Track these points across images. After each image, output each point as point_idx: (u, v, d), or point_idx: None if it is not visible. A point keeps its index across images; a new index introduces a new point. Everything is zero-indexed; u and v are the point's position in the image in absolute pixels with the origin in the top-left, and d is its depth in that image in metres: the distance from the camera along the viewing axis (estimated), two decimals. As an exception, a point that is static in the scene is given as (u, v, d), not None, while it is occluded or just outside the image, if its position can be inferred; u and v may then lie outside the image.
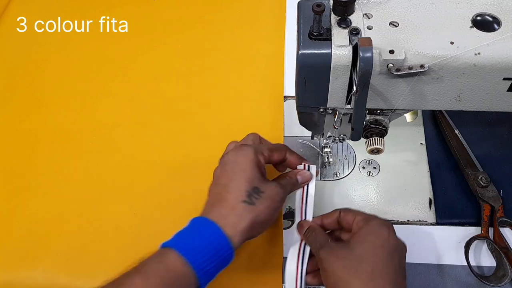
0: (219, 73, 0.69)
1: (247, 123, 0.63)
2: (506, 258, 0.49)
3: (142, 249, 0.55)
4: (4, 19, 0.77)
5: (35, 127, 0.65)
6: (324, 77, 0.41)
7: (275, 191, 0.46)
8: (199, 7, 0.77)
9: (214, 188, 0.47)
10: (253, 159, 0.47)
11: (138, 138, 0.64)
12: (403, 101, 0.43)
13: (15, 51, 0.74)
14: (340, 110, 0.45)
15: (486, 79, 0.40)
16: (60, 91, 0.69)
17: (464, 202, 0.55)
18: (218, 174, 0.48)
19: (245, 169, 0.46)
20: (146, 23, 0.75)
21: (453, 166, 0.57)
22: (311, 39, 0.41)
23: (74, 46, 0.73)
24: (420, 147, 0.59)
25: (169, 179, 0.59)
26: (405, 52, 0.39)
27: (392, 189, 0.56)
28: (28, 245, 0.55)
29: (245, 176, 0.45)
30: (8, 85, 0.70)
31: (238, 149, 0.48)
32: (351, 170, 0.58)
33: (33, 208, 0.58)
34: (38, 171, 0.61)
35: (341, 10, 0.40)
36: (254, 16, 0.75)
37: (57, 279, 0.53)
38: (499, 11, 0.41)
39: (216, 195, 0.46)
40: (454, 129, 0.58)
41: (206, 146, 0.62)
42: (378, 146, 0.47)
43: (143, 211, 0.57)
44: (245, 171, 0.46)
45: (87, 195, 0.59)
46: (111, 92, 0.68)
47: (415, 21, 0.41)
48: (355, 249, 0.43)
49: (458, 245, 0.52)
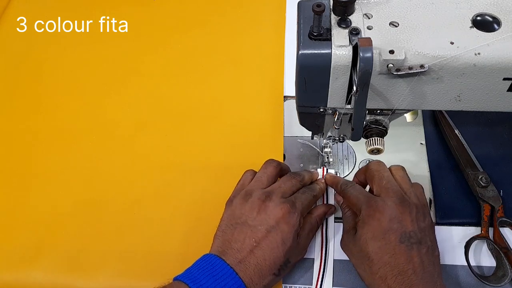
0: (219, 73, 0.69)
1: (247, 123, 0.63)
2: (506, 258, 0.49)
3: (142, 249, 0.55)
4: (4, 19, 0.77)
5: (35, 127, 0.65)
6: (324, 77, 0.41)
7: (298, 257, 0.49)
8: (199, 7, 0.77)
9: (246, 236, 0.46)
10: (296, 229, 0.47)
11: (138, 138, 0.64)
12: (403, 101, 0.43)
13: (15, 51, 0.74)
14: (340, 110, 0.45)
15: (486, 79, 0.40)
16: (60, 91, 0.69)
17: (464, 202, 0.55)
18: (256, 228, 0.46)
19: (286, 241, 0.46)
20: (146, 23, 0.75)
21: (453, 166, 0.57)
22: (311, 39, 0.41)
23: (74, 46, 0.74)
24: (420, 147, 0.59)
25: (169, 179, 0.59)
26: (405, 52, 0.39)
27: (392, 189, 0.56)
28: (28, 245, 0.55)
29: (285, 250, 0.46)
30: (8, 85, 0.71)
31: (284, 210, 0.46)
32: (351, 170, 0.58)
33: (33, 208, 0.58)
34: (38, 171, 0.62)
35: (341, 10, 0.40)
36: (254, 16, 0.75)
37: (57, 279, 0.53)
38: (499, 11, 0.41)
39: (250, 252, 0.45)
40: (454, 129, 0.58)
41: (206, 146, 0.62)
42: (378, 146, 0.48)
43: (143, 211, 0.57)
44: (286, 243, 0.46)
45: (88, 195, 0.59)
46: (111, 92, 0.68)
47: (415, 21, 0.41)
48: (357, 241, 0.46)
49: (458, 245, 0.52)
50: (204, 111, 0.65)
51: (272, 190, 0.49)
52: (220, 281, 0.43)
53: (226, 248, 0.46)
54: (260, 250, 0.45)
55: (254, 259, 0.45)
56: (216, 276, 0.43)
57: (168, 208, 0.57)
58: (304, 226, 0.49)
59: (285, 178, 0.52)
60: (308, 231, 0.50)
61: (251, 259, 0.45)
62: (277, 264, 0.45)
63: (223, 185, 0.54)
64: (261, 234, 0.45)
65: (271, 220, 0.46)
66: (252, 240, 0.45)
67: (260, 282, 0.44)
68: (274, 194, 0.48)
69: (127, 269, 0.53)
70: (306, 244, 0.50)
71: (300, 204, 0.48)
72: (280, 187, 0.50)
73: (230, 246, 0.46)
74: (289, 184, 0.51)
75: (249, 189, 0.50)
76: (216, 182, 0.57)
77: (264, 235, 0.45)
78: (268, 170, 0.52)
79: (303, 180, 0.52)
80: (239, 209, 0.48)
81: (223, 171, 0.58)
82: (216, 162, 0.60)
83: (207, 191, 0.57)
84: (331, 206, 0.54)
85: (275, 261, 0.45)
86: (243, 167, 0.56)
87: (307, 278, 0.51)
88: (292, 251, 0.47)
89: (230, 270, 0.43)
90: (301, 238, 0.49)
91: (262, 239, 0.45)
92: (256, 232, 0.46)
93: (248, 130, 0.62)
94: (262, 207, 0.47)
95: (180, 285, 0.43)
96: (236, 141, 0.61)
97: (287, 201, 0.48)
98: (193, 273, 0.44)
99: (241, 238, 0.46)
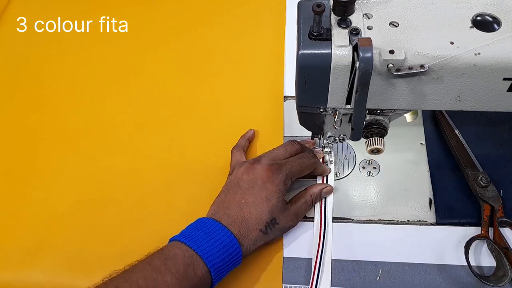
0: (219, 73, 0.69)
1: (247, 123, 0.63)
2: (506, 258, 0.49)
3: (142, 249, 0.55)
4: (4, 19, 0.77)
5: (36, 127, 0.66)
6: (324, 77, 0.41)
7: (289, 223, 0.52)
8: (199, 7, 0.77)
9: (236, 195, 0.50)
10: (281, 189, 0.50)
11: (138, 138, 0.64)
12: (403, 101, 0.43)
13: (15, 51, 0.74)
14: (340, 110, 0.45)
15: (486, 79, 0.40)
16: (60, 91, 0.69)
17: (464, 202, 0.55)
18: (245, 187, 0.50)
19: (271, 198, 0.49)
20: (146, 23, 0.75)
21: (453, 166, 0.57)
22: (311, 39, 0.41)
23: (74, 46, 0.74)
24: (420, 147, 0.59)
25: (169, 179, 0.59)
26: (405, 52, 0.39)
27: (392, 189, 0.56)
28: (28, 245, 0.55)
29: (269, 207, 0.49)
30: (8, 85, 0.71)
31: (271, 170, 0.50)
32: (351, 170, 0.58)
33: (33, 208, 0.58)
34: (38, 171, 0.62)
35: (341, 10, 0.40)
36: (254, 16, 0.75)
37: (57, 279, 0.53)
38: (499, 11, 0.41)
39: (238, 207, 0.49)
40: (454, 129, 0.58)
41: (207, 146, 0.62)
42: (378, 146, 0.48)
43: (143, 211, 0.57)
44: (270, 200, 0.49)
45: (88, 195, 0.59)
46: (111, 92, 0.68)
47: (415, 21, 0.41)
48: None
49: (458, 245, 0.52)
50: (204, 111, 0.65)
51: (264, 154, 0.54)
52: (211, 234, 0.47)
53: (219, 208, 0.50)
54: (247, 206, 0.49)
55: (241, 214, 0.49)
56: (206, 231, 0.47)
57: (168, 208, 0.57)
58: (297, 199, 0.53)
59: (282, 144, 0.55)
60: (301, 203, 0.53)
61: (238, 214, 0.49)
62: (263, 220, 0.49)
63: (223, 185, 0.54)
64: (248, 191, 0.50)
65: (257, 180, 0.50)
66: (241, 197, 0.50)
67: (247, 234, 0.48)
68: (264, 157, 0.53)
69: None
70: (298, 212, 0.52)
71: (289, 168, 0.51)
72: (272, 152, 0.54)
73: (222, 205, 0.50)
74: (282, 150, 0.54)
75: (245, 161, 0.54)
76: (216, 182, 0.57)
77: (251, 193, 0.50)
78: (288, 148, 0.54)
79: (301, 148, 0.55)
80: (234, 175, 0.52)
81: (224, 171, 0.58)
82: (216, 162, 0.60)
83: (207, 191, 0.57)
84: (327, 185, 0.55)
85: (261, 216, 0.49)
86: (243, 167, 0.55)
87: (307, 278, 0.51)
88: (278, 210, 0.50)
89: (219, 225, 0.48)
90: (292, 205, 0.52)
91: (249, 196, 0.50)
92: (245, 191, 0.50)
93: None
94: (251, 169, 0.51)
95: (174, 243, 0.47)
96: (236, 141, 0.61)
97: (274, 163, 0.51)
98: (185, 232, 0.48)
99: (232, 197, 0.50)
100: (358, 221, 0.55)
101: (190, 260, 0.45)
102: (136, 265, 0.45)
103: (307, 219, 0.55)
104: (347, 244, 0.53)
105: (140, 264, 0.45)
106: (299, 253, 0.53)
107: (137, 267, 0.45)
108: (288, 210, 0.51)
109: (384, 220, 0.54)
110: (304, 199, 0.53)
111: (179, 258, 0.45)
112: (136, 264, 0.45)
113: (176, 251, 0.45)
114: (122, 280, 0.43)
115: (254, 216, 0.49)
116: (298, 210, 0.52)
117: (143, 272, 0.44)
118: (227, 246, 0.46)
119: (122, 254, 0.54)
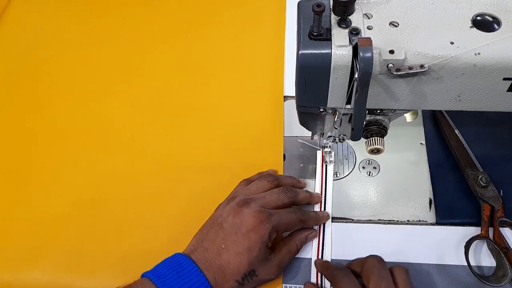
0: (219, 73, 0.69)
1: (247, 123, 0.63)
2: (506, 258, 0.49)
3: (142, 249, 0.55)
4: (4, 19, 0.77)
5: (35, 127, 0.66)
6: (324, 77, 0.41)
7: (269, 276, 0.48)
8: (199, 7, 0.77)
9: (217, 238, 0.47)
10: (265, 240, 0.47)
11: (138, 138, 0.64)
12: (403, 101, 0.43)
13: (15, 51, 0.74)
14: (340, 110, 0.45)
15: (486, 79, 0.40)
16: (60, 91, 0.69)
17: (464, 202, 0.55)
18: (228, 230, 0.47)
19: (252, 249, 0.46)
20: (146, 23, 0.75)
21: (453, 166, 0.57)
22: (311, 39, 0.40)
23: (74, 46, 0.74)
24: (420, 147, 0.59)
25: (169, 179, 0.59)
26: (405, 52, 0.39)
27: (392, 189, 0.56)
28: (28, 245, 0.55)
29: (250, 258, 0.46)
30: (8, 85, 0.71)
31: (258, 218, 0.47)
32: (351, 170, 0.58)
33: (33, 208, 0.58)
34: (38, 171, 0.62)
35: (341, 10, 0.40)
36: (254, 16, 0.75)
37: (57, 279, 0.53)
38: (499, 11, 0.41)
39: (217, 252, 0.46)
40: (454, 129, 0.58)
41: (207, 146, 0.62)
42: (378, 146, 0.47)
43: (143, 211, 0.57)
44: (251, 251, 0.46)
45: (88, 195, 0.59)
46: (111, 92, 0.68)
47: (415, 21, 0.41)
48: None
49: (458, 245, 0.52)
50: (204, 111, 0.65)
51: (254, 198, 0.49)
52: (184, 277, 0.44)
53: (198, 246, 0.47)
54: (226, 253, 0.46)
55: (219, 260, 0.46)
56: (181, 272, 0.44)
57: (168, 208, 0.57)
58: (281, 247, 0.50)
59: (275, 190, 0.51)
60: (285, 253, 0.50)
61: (216, 260, 0.46)
62: (240, 271, 0.46)
63: (223, 185, 0.54)
64: (230, 237, 0.46)
65: (242, 227, 0.46)
66: (222, 241, 0.46)
67: (222, 283, 0.45)
68: (253, 202, 0.48)
69: (127, 269, 0.53)
70: (280, 264, 0.49)
71: (277, 219, 0.48)
72: (264, 198, 0.50)
73: (201, 244, 0.47)
74: (275, 197, 0.50)
75: (235, 194, 0.51)
76: (216, 182, 0.57)
77: (233, 239, 0.46)
78: (261, 183, 0.52)
79: (294, 197, 0.52)
80: (220, 211, 0.49)
81: (224, 171, 0.58)
82: (216, 162, 0.60)
83: (208, 191, 0.57)
84: (313, 230, 0.52)
85: (239, 267, 0.46)
86: (243, 167, 0.56)
87: (307, 278, 0.51)
88: (258, 262, 0.46)
89: (195, 267, 0.45)
90: (275, 257, 0.48)
91: (230, 242, 0.46)
92: (227, 235, 0.47)
93: (248, 130, 0.62)
94: (238, 212, 0.47)
95: (145, 282, 0.44)
96: (236, 141, 0.61)
97: (263, 212, 0.47)
98: (159, 269, 0.45)
99: (213, 238, 0.47)
100: (358, 221, 0.55)
101: None
102: None
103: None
104: (347, 244, 0.53)
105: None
106: (299, 253, 0.52)
107: None
108: (270, 263, 0.48)
109: (384, 220, 0.54)
110: (289, 249, 0.50)
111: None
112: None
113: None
114: None
115: (232, 266, 0.45)
116: (281, 262, 0.49)
117: None
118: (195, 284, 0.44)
119: (122, 254, 0.54)
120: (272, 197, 0.50)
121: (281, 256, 0.49)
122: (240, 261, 0.46)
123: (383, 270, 0.45)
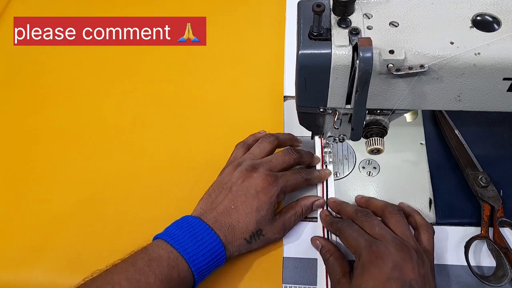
0: (219, 73, 0.69)
1: (247, 123, 0.63)
2: (506, 258, 0.49)
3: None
4: (4, 19, 0.77)
5: (35, 128, 0.66)
6: (324, 77, 0.41)
7: (275, 235, 0.51)
8: (199, 7, 0.77)
9: (226, 199, 0.50)
10: (273, 201, 0.50)
11: (139, 137, 0.64)
12: (403, 101, 0.43)
13: (15, 51, 0.74)
14: (340, 110, 0.45)
15: (486, 79, 0.40)
16: (60, 91, 0.69)
17: (464, 202, 0.55)
18: (237, 192, 0.49)
19: (261, 209, 0.49)
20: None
21: (453, 166, 0.57)
22: (311, 39, 0.41)
23: (74, 46, 0.73)
24: (420, 147, 0.59)
25: (170, 179, 0.59)
26: (405, 52, 0.39)
27: (392, 189, 0.56)
28: (28, 245, 0.55)
29: (258, 218, 0.49)
30: (7, 85, 0.71)
31: (267, 181, 0.50)
32: (351, 170, 0.58)
33: (33, 208, 0.58)
34: (38, 171, 0.62)
35: (341, 10, 0.40)
36: (254, 16, 0.75)
37: (57, 279, 0.53)
38: (499, 11, 0.41)
39: (227, 212, 0.49)
40: (454, 129, 0.58)
41: (207, 146, 0.62)
42: (378, 146, 0.47)
43: (143, 211, 0.57)
44: (260, 211, 0.49)
45: (88, 195, 0.59)
46: (111, 92, 0.68)
47: (415, 21, 0.41)
48: None
49: (458, 245, 0.52)
50: (204, 111, 0.65)
51: (261, 162, 0.52)
52: (197, 235, 0.46)
53: (207, 209, 0.50)
54: (236, 213, 0.49)
55: (229, 220, 0.48)
56: (193, 231, 0.47)
57: (168, 208, 0.57)
58: (287, 209, 0.53)
59: (280, 153, 0.54)
60: (290, 215, 0.52)
61: (226, 219, 0.48)
62: (249, 230, 0.48)
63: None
64: (240, 199, 0.49)
65: (252, 189, 0.49)
66: (231, 203, 0.49)
67: (232, 241, 0.48)
68: (261, 166, 0.51)
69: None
70: (285, 225, 0.52)
71: (284, 181, 0.51)
72: (270, 161, 0.52)
73: (210, 207, 0.50)
74: (280, 160, 0.53)
75: (241, 160, 0.53)
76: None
77: (242, 200, 0.49)
78: (262, 145, 0.55)
79: (300, 158, 0.54)
80: (228, 176, 0.52)
81: (223, 171, 0.58)
82: (217, 162, 0.60)
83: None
84: (319, 198, 0.54)
85: (247, 225, 0.48)
86: (243, 167, 0.55)
87: (307, 278, 0.51)
88: (265, 222, 0.49)
89: (206, 226, 0.47)
90: (280, 217, 0.51)
91: (240, 203, 0.49)
92: (236, 197, 0.49)
93: (248, 130, 0.62)
94: (247, 176, 0.50)
95: (159, 243, 0.46)
96: (236, 141, 0.60)
97: (271, 175, 0.50)
98: (171, 230, 0.47)
99: (222, 200, 0.50)
100: (358, 221, 0.55)
101: (174, 262, 0.44)
102: (119, 265, 0.44)
103: (307, 219, 0.55)
104: (347, 244, 0.53)
105: (123, 264, 0.44)
106: (299, 253, 0.53)
107: (120, 268, 0.44)
108: (276, 222, 0.50)
109: (384, 220, 0.54)
110: (294, 211, 0.52)
111: (163, 259, 0.44)
112: (119, 264, 0.45)
113: (161, 252, 0.45)
114: (104, 281, 0.43)
115: (241, 225, 0.48)
116: (287, 222, 0.52)
117: (126, 273, 0.43)
118: (213, 250, 0.46)
119: (122, 254, 0.54)
120: (278, 159, 0.53)
121: (286, 217, 0.52)
122: (249, 220, 0.48)
123: (373, 218, 0.49)
